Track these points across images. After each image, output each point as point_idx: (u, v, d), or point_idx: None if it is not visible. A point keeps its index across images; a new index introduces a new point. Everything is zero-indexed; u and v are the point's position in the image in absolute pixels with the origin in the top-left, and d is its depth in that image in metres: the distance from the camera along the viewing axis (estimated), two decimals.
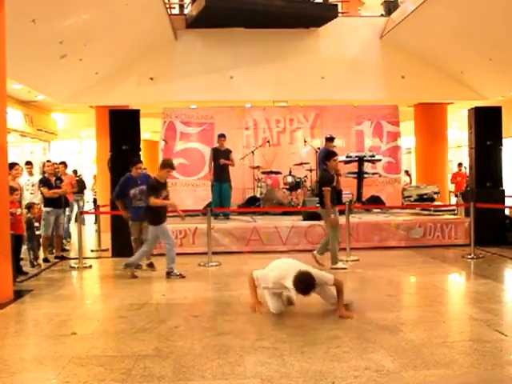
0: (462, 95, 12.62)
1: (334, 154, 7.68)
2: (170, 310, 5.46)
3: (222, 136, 10.30)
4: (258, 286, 5.00)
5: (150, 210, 7.13)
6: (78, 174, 15.97)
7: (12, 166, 7.77)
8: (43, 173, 9.06)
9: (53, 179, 8.71)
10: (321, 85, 12.02)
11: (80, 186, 12.40)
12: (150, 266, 7.73)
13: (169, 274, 7.11)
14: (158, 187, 7.16)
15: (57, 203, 8.71)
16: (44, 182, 8.64)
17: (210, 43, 11.91)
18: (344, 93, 12.20)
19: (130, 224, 7.84)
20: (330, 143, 10.14)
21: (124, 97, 11.87)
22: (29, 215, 7.98)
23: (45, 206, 8.61)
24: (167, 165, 7.35)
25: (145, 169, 11.03)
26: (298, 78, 11.94)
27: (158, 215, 7.13)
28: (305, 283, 4.59)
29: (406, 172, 17.47)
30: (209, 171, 10.54)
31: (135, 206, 7.63)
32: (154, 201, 7.01)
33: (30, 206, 8.16)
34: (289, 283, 4.63)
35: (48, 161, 9.51)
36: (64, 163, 10.54)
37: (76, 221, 9.47)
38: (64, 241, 9.84)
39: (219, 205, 10.02)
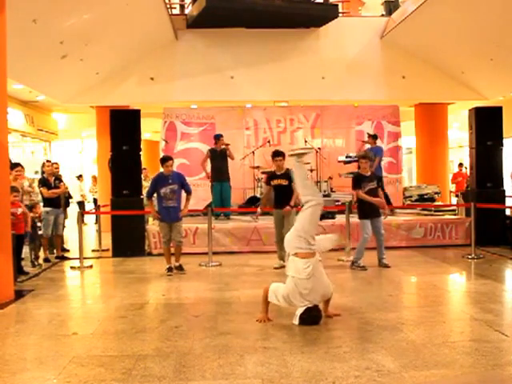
0: (462, 95, 12.62)
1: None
2: (170, 310, 5.46)
3: (219, 136, 10.29)
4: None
5: (360, 203, 7.44)
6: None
7: (14, 166, 7.79)
8: (42, 173, 9.05)
9: (52, 179, 8.71)
10: (321, 85, 12.02)
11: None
12: (179, 268, 7.50)
13: (352, 264, 7.50)
14: (361, 180, 7.40)
15: (56, 203, 8.71)
16: (43, 182, 8.64)
17: (211, 43, 11.91)
18: (344, 93, 12.20)
19: (160, 225, 7.52)
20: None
21: (125, 97, 11.87)
22: (31, 215, 7.98)
23: (44, 206, 8.61)
24: (363, 156, 7.56)
25: (144, 169, 11.06)
26: (298, 78, 11.94)
27: (364, 209, 7.38)
28: (312, 321, 4.64)
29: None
30: (203, 170, 10.51)
31: (166, 206, 7.32)
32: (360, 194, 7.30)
33: (32, 206, 8.17)
34: (298, 310, 4.66)
35: (48, 161, 9.50)
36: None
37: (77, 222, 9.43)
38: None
39: (220, 205, 10.02)
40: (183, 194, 7.59)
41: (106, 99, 11.88)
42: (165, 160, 7.47)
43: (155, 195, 7.56)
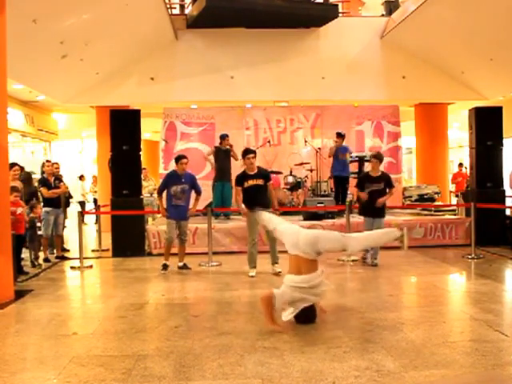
0: (462, 95, 12.62)
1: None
2: (170, 310, 5.47)
3: (225, 136, 10.33)
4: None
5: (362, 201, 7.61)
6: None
7: (11, 166, 7.78)
8: (42, 173, 9.05)
9: (51, 179, 8.71)
10: (321, 85, 12.03)
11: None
12: (184, 267, 7.63)
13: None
14: (366, 180, 7.58)
15: (56, 203, 8.72)
16: (43, 182, 8.64)
17: (211, 43, 11.91)
18: (344, 93, 12.21)
19: (167, 223, 7.58)
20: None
21: (125, 97, 11.88)
22: (31, 215, 7.98)
23: (44, 206, 8.61)
24: (374, 156, 7.72)
25: (144, 169, 11.08)
26: (298, 78, 11.94)
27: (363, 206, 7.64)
28: (304, 320, 4.66)
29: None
30: (208, 161, 10.54)
31: (174, 205, 7.42)
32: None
33: (32, 206, 8.16)
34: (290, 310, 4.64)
35: (47, 161, 9.50)
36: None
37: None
38: None
39: (220, 204, 10.03)
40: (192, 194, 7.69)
41: (105, 99, 11.88)
42: (180, 158, 7.56)
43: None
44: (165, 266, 7.45)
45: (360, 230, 9.20)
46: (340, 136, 10.55)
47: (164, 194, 7.66)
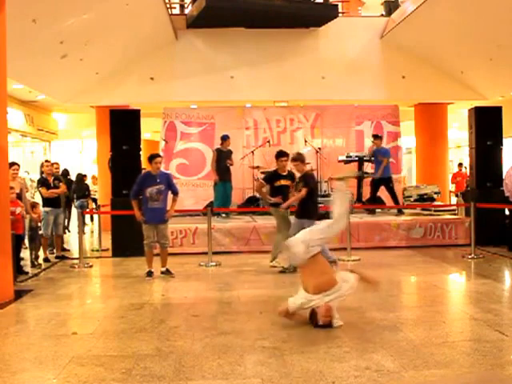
0: (462, 95, 12.62)
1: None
2: (170, 310, 5.47)
3: (227, 137, 10.34)
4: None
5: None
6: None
7: (11, 165, 7.77)
8: (41, 173, 9.05)
9: (51, 179, 8.71)
10: (321, 85, 12.02)
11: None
12: (167, 272, 7.24)
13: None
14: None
15: (55, 203, 8.71)
16: (42, 182, 8.63)
17: (211, 43, 11.92)
18: (344, 93, 12.21)
19: (144, 227, 7.19)
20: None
21: (124, 97, 11.87)
22: (31, 214, 7.97)
23: (43, 206, 8.60)
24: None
25: (144, 169, 11.09)
26: (298, 77, 11.94)
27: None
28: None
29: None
30: (212, 170, 10.55)
31: (151, 208, 7.01)
32: None
33: (32, 206, 8.16)
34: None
35: (46, 160, 9.49)
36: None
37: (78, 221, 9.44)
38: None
39: (223, 204, 10.05)
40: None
41: (105, 99, 11.88)
42: (153, 157, 7.13)
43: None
44: (149, 273, 7.12)
45: (360, 230, 9.24)
46: (377, 138, 10.70)
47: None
